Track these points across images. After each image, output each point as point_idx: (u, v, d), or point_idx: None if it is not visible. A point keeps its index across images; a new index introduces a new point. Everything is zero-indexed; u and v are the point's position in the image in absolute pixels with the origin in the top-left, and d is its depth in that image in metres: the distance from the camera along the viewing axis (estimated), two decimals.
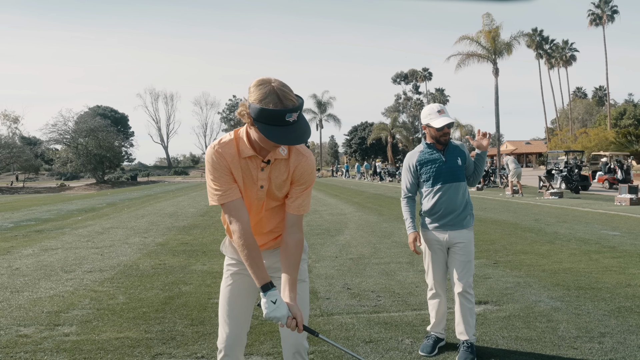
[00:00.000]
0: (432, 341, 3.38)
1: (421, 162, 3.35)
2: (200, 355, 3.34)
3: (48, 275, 5.97)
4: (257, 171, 2.01)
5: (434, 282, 3.37)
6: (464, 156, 3.36)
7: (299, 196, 2.04)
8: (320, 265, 6.27)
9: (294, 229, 2.05)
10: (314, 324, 3.95)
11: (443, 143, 3.31)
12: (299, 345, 2.14)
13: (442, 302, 3.40)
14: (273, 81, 1.81)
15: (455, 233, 3.28)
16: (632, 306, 4.29)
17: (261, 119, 1.79)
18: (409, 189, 3.42)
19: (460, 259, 3.26)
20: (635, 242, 7.48)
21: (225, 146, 1.99)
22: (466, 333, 3.24)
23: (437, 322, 3.43)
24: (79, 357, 3.36)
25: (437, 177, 3.29)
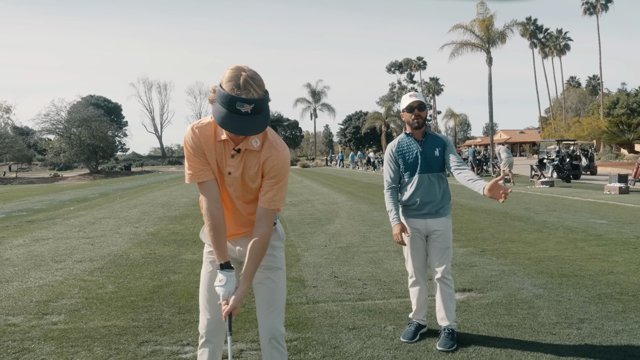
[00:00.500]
0: (413, 328, 3.44)
1: (400, 151, 3.39)
2: (185, 342, 3.39)
3: (38, 265, 6.00)
4: (227, 157, 2.03)
5: (414, 269, 3.42)
6: (444, 147, 3.36)
7: (269, 190, 2.05)
8: (309, 254, 6.32)
9: (261, 223, 2.06)
10: (300, 311, 4.01)
11: (417, 127, 3.30)
12: (275, 331, 2.19)
13: (422, 289, 3.45)
14: (246, 70, 1.85)
15: (433, 221, 3.33)
16: (613, 293, 4.37)
17: (218, 99, 1.83)
18: (392, 179, 3.43)
19: (438, 246, 3.33)
20: (622, 231, 7.58)
21: (202, 128, 2.03)
22: (447, 319, 3.30)
23: (419, 309, 3.49)
24: (66, 345, 3.40)
25: (414, 167, 3.33)
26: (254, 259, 2.05)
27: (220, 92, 1.82)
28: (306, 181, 24.31)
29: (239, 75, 1.81)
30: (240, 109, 1.79)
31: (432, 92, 76.01)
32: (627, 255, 5.85)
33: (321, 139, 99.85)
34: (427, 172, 3.32)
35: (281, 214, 10.65)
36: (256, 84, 1.83)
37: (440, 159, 3.35)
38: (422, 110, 3.28)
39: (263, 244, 2.05)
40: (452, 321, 3.31)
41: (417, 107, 3.27)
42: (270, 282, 2.19)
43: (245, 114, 1.81)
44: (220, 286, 2.05)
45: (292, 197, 14.92)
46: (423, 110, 3.29)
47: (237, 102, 1.79)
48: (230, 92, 1.79)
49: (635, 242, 6.68)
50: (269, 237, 2.08)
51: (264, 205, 2.05)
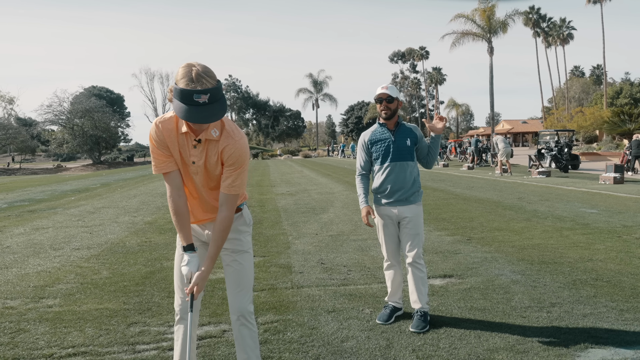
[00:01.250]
0: (389, 310, 3.60)
1: (372, 140, 3.55)
2: (172, 323, 3.56)
3: (37, 253, 6.19)
4: (190, 147, 2.19)
5: (387, 254, 3.60)
6: (415, 138, 3.54)
7: (229, 176, 2.19)
8: (300, 242, 6.50)
9: (223, 208, 2.21)
10: (283, 295, 4.19)
11: (386, 118, 3.48)
12: (243, 309, 2.36)
13: (397, 272, 3.63)
14: (195, 65, 2.00)
15: (404, 208, 3.49)
16: (588, 279, 4.52)
17: (176, 96, 1.98)
18: (363, 166, 3.64)
19: (409, 232, 3.48)
20: (610, 220, 7.71)
21: (165, 122, 2.20)
22: (419, 301, 3.47)
23: (393, 291, 3.65)
24: (59, 326, 3.59)
25: (386, 155, 3.50)
26: (215, 241, 2.21)
27: (177, 89, 1.97)
28: (306, 171, 24.47)
29: (190, 70, 1.96)
30: (198, 100, 1.94)
31: (434, 81, 75.74)
32: (610, 244, 5.99)
33: (323, 129, 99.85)
34: (398, 160, 3.48)
35: (277, 203, 10.82)
36: (208, 75, 1.97)
37: (412, 149, 3.52)
38: (390, 102, 3.44)
39: (225, 227, 2.20)
40: (424, 304, 3.47)
41: (385, 100, 3.43)
42: (237, 264, 2.35)
43: (203, 104, 1.95)
44: (185, 266, 2.23)
45: (289, 187, 15.09)
46: (391, 102, 3.44)
47: (193, 94, 1.93)
48: (186, 87, 1.94)
49: (620, 230, 6.82)
50: (230, 220, 2.22)
51: (225, 191, 2.21)
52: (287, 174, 22.37)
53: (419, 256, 3.48)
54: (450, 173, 20.54)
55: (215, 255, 2.22)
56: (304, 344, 3.17)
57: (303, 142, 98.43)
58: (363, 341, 3.21)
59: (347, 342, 3.20)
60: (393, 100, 3.45)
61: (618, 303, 3.86)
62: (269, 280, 4.67)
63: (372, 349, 3.09)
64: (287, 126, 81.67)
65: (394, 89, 3.50)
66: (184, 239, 2.23)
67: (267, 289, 4.39)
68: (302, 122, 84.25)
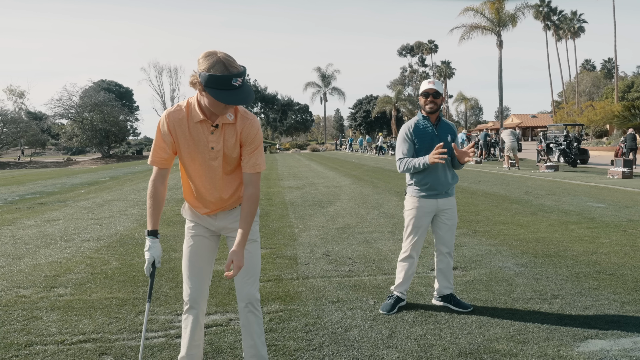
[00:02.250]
0: (392, 301, 3.65)
1: (416, 132, 3.59)
2: (179, 312, 3.65)
3: (48, 244, 6.32)
4: (207, 134, 2.27)
5: (411, 245, 3.63)
6: (454, 135, 3.67)
7: (250, 157, 2.31)
8: (306, 234, 6.57)
9: (249, 186, 2.33)
10: (289, 286, 4.26)
11: (430, 112, 3.56)
12: (251, 297, 2.43)
13: (412, 265, 3.67)
14: (219, 52, 2.08)
15: (443, 200, 3.61)
16: (591, 272, 4.55)
17: (211, 84, 2.06)
18: (405, 154, 3.61)
19: (447, 224, 3.65)
20: (616, 214, 7.70)
21: (174, 113, 2.28)
22: (451, 287, 3.69)
23: (403, 282, 3.66)
24: (70, 313, 3.69)
25: (429, 148, 3.53)
26: (246, 217, 2.31)
27: (213, 77, 2.04)
28: (314, 165, 24.53)
29: (219, 58, 2.05)
30: (235, 84, 2.06)
31: (443, 75, 75.30)
32: (615, 237, 6.00)
33: (332, 123, 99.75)
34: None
35: (284, 196, 10.90)
36: (233, 59, 2.09)
37: (450, 145, 3.58)
38: (436, 97, 3.54)
39: (253, 202, 2.32)
40: (453, 287, 3.72)
41: (432, 94, 3.53)
42: (246, 252, 2.40)
43: (239, 87, 2.08)
44: (146, 250, 2.33)
45: (297, 181, 15.16)
46: (437, 97, 3.54)
47: (232, 79, 2.04)
48: (223, 73, 2.04)
49: (626, 224, 6.82)
50: (257, 197, 2.34)
51: (249, 171, 2.32)
52: (294, 168, 22.44)
53: (453, 246, 3.70)
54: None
55: (247, 232, 2.31)
56: (308, 333, 3.24)
57: (311, 136, 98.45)
58: (366, 330, 3.28)
59: (351, 331, 3.27)
60: (439, 95, 3.55)
61: (620, 295, 3.89)
62: (275, 271, 4.74)
63: (374, 337, 3.16)
64: (295, 120, 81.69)
65: (440, 84, 3.62)
66: (152, 224, 2.34)
67: (273, 279, 4.46)
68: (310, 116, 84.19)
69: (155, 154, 2.33)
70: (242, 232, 2.31)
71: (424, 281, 4.35)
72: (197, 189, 2.39)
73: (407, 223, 3.68)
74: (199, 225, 2.48)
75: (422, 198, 3.59)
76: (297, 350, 2.99)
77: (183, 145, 2.29)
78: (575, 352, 2.93)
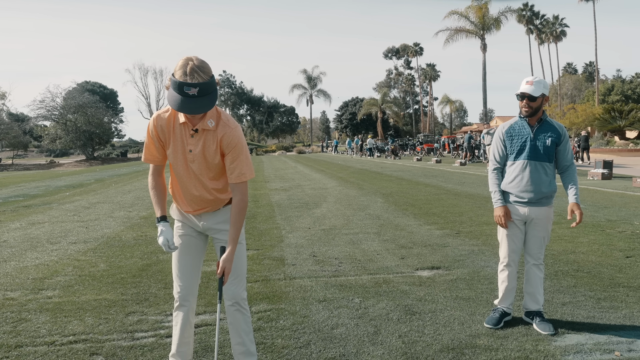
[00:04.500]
0: (498, 315, 3.40)
1: (510, 134, 3.36)
2: (169, 312, 3.71)
3: (34, 247, 6.30)
4: (187, 137, 2.37)
5: (507, 254, 3.42)
6: (558, 137, 3.29)
7: (234, 167, 2.37)
8: (293, 235, 6.64)
9: (236, 193, 2.41)
10: (276, 286, 4.33)
11: (526, 116, 3.29)
12: (237, 296, 2.52)
13: (512, 276, 3.45)
14: (193, 59, 2.17)
15: (534, 209, 3.31)
16: (570, 270, 4.71)
17: (171, 86, 2.18)
18: (498, 160, 3.41)
19: (536, 235, 3.36)
20: (595, 214, 7.91)
21: (161, 114, 2.40)
22: (539, 302, 3.41)
23: (505, 296, 3.46)
24: (60, 315, 3.72)
25: (521, 152, 3.30)
26: (234, 223, 2.39)
27: (172, 80, 2.16)
28: (300, 167, 24.59)
29: (186, 64, 2.14)
30: (187, 92, 2.13)
31: (428, 78, 75.95)
32: (593, 237, 6.18)
33: (318, 125, 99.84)
34: (534, 159, 3.28)
35: (271, 198, 10.96)
36: (202, 70, 2.15)
37: (552, 149, 3.29)
38: (532, 100, 3.22)
39: (241, 209, 2.39)
40: (541, 305, 3.42)
41: (527, 97, 3.23)
42: None
43: (192, 96, 2.14)
44: (159, 236, 2.44)
45: (283, 183, 15.22)
46: (533, 100, 3.22)
47: (184, 86, 2.12)
48: (179, 79, 2.13)
49: (604, 224, 7.02)
50: (245, 203, 2.41)
51: (235, 181, 2.38)
52: (281, 170, 22.48)
53: (542, 258, 3.43)
54: (443, 169, 20.74)
55: (236, 237, 2.40)
56: (295, 331, 3.32)
57: (297, 138, 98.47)
58: (352, 328, 3.37)
59: (337, 329, 3.36)
60: (535, 99, 3.22)
61: (596, 292, 4.04)
62: (262, 272, 4.81)
63: (360, 335, 3.25)
64: (281, 122, 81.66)
65: (540, 84, 3.24)
66: (159, 211, 2.46)
67: (260, 280, 4.53)
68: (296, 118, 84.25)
69: (146, 152, 2.46)
70: (232, 239, 2.39)
71: (409, 280, 4.46)
72: (181, 187, 2.49)
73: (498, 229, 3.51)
74: (186, 225, 2.56)
75: (509, 204, 3.39)
76: (285, 348, 3.07)
77: (168, 145, 2.41)
78: (552, 346, 3.05)
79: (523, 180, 3.30)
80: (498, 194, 3.39)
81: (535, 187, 3.29)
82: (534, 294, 3.44)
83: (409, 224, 7.33)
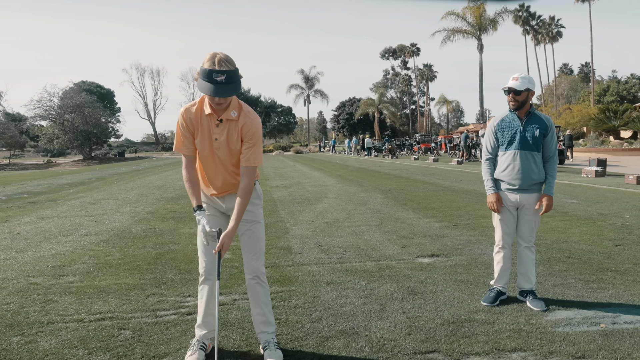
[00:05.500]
0: (494, 293, 3.69)
1: (501, 126, 3.63)
2: (187, 294, 3.96)
3: (48, 239, 6.53)
4: (213, 127, 2.66)
5: (501, 237, 3.70)
6: (545, 129, 3.55)
7: (247, 152, 2.66)
8: (297, 228, 6.90)
9: (244, 177, 2.66)
10: (286, 272, 4.59)
11: (513, 109, 3.57)
12: (257, 271, 2.80)
13: (506, 257, 3.71)
14: (220, 53, 2.50)
15: (525, 196, 3.58)
16: (561, 257, 4.98)
17: (200, 75, 2.48)
18: (490, 151, 3.69)
19: (528, 219, 3.64)
20: (588, 209, 8.21)
21: (189, 108, 2.69)
22: (531, 282, 3.68)
23: (501, 276, 3.73)
24: (84, 297, 3.96)
25: (511, 142, 3.56)
26: (239, 205, 2.64)
27: (202, 69, 2.47)
28: (298, 166, 24.85)
29: (214, 56, 2.47)
30: (216, 79, 2.43)
31: (425, 78, 76.32)
32: (585, 228, 6.47)
33: (315, 125, 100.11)
34: (524, 149, 3.53)
35: (272, 194, 11.21)
36: (227, 62, 2.48)
37: (540, 140, 3.55)
38: (517, 94, 3.50)
39: (246, 193, 2.65)
40: (533, 284, 3.69)
41: (512, 92, 3.51)
42: (251, 232, 2.79)
43: (220, 83, 2.45)
44: (199, 219, 2.70)
45: (284, 180, 15.47)
46: (518, 94, 3.50)
47: (213, 74, 2.43)
48: (209, 68, 2.43)
49: (596, 218, 7.31)
50: (250, 187, 2.66)
51: (245, 164, 2.66)
52: (280, 169, 22.73)
53: (533, 241, 3.70)
54: (440, 167, 21.04)
55: (239, 218, 2.64)
56: (307, 309, 3.58)
57: (294, 138, 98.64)
58: (360, 306, 3.63)
59: (346, 307, 3.62)
60: (520, 92, 3.49)
61: (586, 275, 4.31)
62: (271, 259, 5.07)
63: (368, 312, 3.51)
64: (278, 122, 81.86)
65: (525, 79, 3.51)
66: (195, 201, 2.70)
67: (270, 266, 4.79)
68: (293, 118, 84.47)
69: (178, 142, 2.71)
70: (235, 217, 2.63)
71: (411, 266, 4.72)
72: (207, 173, 2.77)
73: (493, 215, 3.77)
74: (210, 207, 2.83)
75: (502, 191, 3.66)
76: (298, 323, 3.33)
77: (196, 135, 2.68)
78: (544, 320, 3.33)
79: (514, 169, 3.57)
80: (490, 182, 3.67)
81: (525, 174, 3.55)
82: (527, 274, 3.71)
83: (408, 217, 7.60)
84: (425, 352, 2.87)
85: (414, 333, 3.12)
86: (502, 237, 3.73)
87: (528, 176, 3.56)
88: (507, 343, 2.97)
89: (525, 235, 3.71)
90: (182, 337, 3.12)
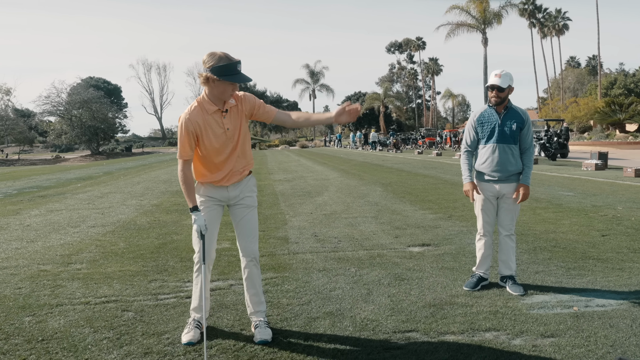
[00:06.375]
0: (475, 279, 3.90)
1: (480, 120, 3.82)
2: (186, 280, 4.20)
3: (57, 230, 6.81)
4: (221, 120, 2.88)
5: (482, 225, 3.92)
6: (522, 122, 3.75)
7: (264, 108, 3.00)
8: (296, 219, 7.13)
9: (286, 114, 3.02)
10: (281, 259, 4.82)
11: (495, 104, 3.75)
12: (254, 253, 3.05)
13: (487, 244, 3.93)
14: (218, 52, 2.74)
15: (504, 185, 3.79)
16: (548, 246, 5.17)
17: (224, 73, 2.71)
18: (469, 144, 3.90)
19: (507, 208, 3.84)
20: (582, 201, 8.36)
21: (193, 112, 2.86)
22: (511, 269, 3.87)
23: (482, 262, 3.93)
24: (90, 282, 4.22)
25: (490, 136, 3.76)
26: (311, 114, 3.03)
27: (224, 67, 2.70)
28: (303, 160, 25.07)
29: (223, 54, 2.73)
30: (239, 69, 2.75)
31: (431, 72, 76.13)
32: (575, 219, 6.64)
33: None
34: (502, 142, 3.73)
35: (274, 188, 11.44)
36: (229, 54, 2.74)
37: (517, 133, 3.76)
38: (501, 91, 3.68)
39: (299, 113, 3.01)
40: (513, 271, 3.88)
41: (496, 89, 3.69)
42: (250, 217, 3.04)
43: (241, 71, 2.78)
44: (194, 223, 2.90)
45: (286, 174, 15.71)
46: (502, 91, 3.68)
47: (237, 65, 2.74)
48: (229, 62, 2.70)
49: (589, 209, 7.47)
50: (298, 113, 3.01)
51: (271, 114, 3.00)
52: (284, 163, 22.97)
53: (513, 229, 3.90)
54: (443, 161, 21.18)
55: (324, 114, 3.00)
56: (298, 293, 3.81)
57: (300, 133, 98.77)
58: (348, 291, 3.85)
59: (335, 291, 3.84)
60: (504, 89, 3.68)
61: (568, 263, 4.51)
62: (268, 249, 5.30)
63: (355, 296, 3.74)
64: None
65: (507, 76, 3.70)
66: (191, 202, 2.90)
67: (266, 255, 5.02)
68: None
69: (183, 149, 2.87)
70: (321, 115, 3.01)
71: (401, 254, 4.94)
72: (216, 165, 2.95)
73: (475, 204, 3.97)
74: (208, 200, 3.04)
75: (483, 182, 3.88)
76: (289, 305, 3.56)
77: (205, 135, 2.86)
78: (520, 303, 3.53)
79: (493, 161, 3.78)
80: (467, 172, 3.90)
81: (503, 166, 3.76)
82: (507, 261, 3.91)
83: (404, 209, 7.80)
84: (404, 331, 3.09)
85: (395, 314, 3.35)
86: (483, 226, 3.94)
87: (505, 168, 3.76)
88: (482, 323, 3.18)
89: (506, 224, 3.91)
90: (180, 318, 3.36)
